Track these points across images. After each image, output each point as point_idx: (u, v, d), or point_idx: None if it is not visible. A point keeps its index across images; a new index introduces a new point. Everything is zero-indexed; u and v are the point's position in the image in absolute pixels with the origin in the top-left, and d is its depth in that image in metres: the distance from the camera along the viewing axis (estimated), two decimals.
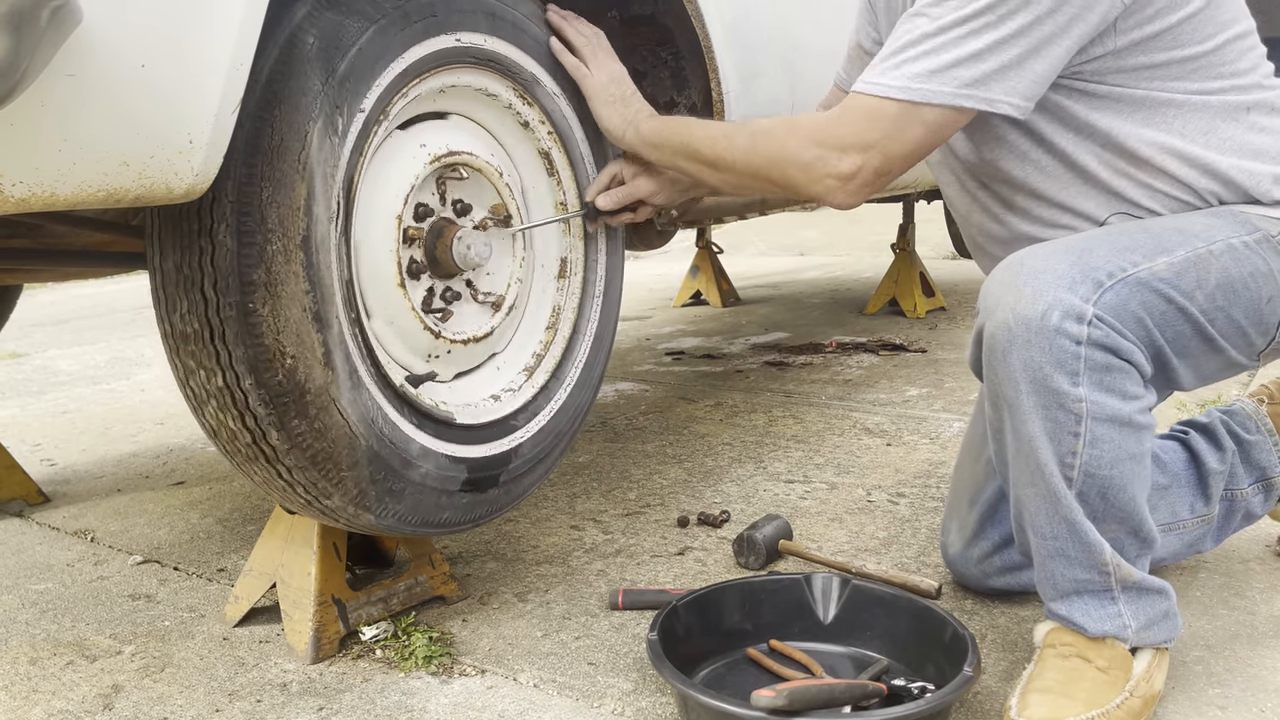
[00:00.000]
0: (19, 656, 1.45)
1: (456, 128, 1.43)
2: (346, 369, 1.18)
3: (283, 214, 1.08)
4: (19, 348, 4.43)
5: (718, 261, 4.88)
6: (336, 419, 1.17)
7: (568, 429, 1.56)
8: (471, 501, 1.40)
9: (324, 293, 1.14)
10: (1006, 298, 1.11)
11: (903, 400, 2.74)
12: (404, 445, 1.28)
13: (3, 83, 0.67)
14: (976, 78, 1.14)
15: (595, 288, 1.62)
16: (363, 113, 1.19)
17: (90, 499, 2.20)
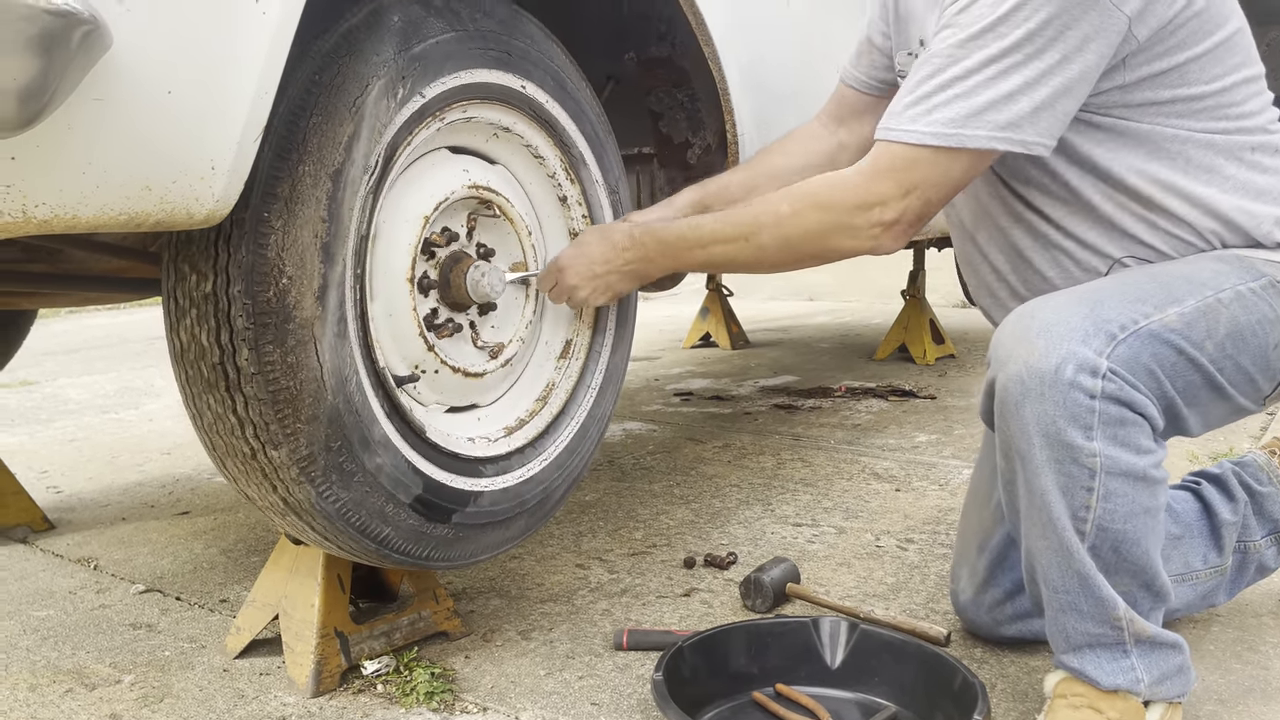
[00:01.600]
0: (19, 683, 1.44)
1: (501, 175, 1.48)
2: (337, 315, 1.16)
3: (323, 143, 1.11)
4: (30, 376, 4.45)
5: (727, 304, 4.89)
6: (311, 360, 1.13)
7: (535, 501, 1.52)
8: (417, 528, 1.32)
9: (339, 230, 1.14)
10: (1019, 350, 1.11)
11: (912, 446, 2.73)
12: (369, 423, 1.23)
13: (32, 104, 0.68)
14: (1011, 120, 1.14)
15: (593, 377, 1.62)
16: (422, 97, 1.23)
17: (95, 527, 2.20)
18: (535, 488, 1.51)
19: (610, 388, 1.64)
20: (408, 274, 1.30)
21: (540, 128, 1.47)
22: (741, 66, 1.57)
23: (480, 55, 1.32)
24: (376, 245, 1.28)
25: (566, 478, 1.57)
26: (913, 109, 1.19)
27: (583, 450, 1.59)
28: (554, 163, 1.51)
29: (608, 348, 1.63)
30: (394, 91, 1.20)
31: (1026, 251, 1.34)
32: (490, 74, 1.35)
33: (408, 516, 1.31)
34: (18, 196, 0.79)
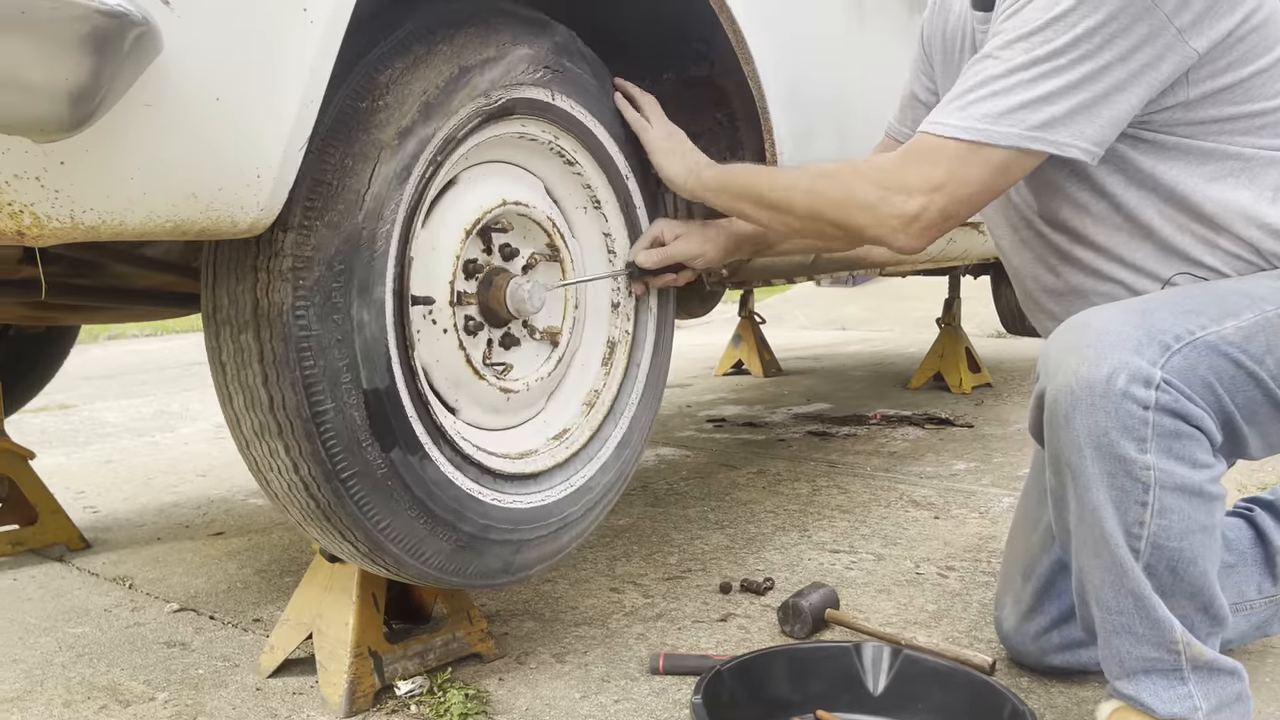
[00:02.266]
0: (53, 699, 1.44)
1: (539, 192, 1.49)
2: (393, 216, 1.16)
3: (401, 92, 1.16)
4: (68, 399, 4.50)
5: (760, 332, 4.87)
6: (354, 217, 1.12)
7: (579, 515, 1.51)
8: (390, 480, 1.19)
9: (403, 174, 1.17)
10: (1069, 360, 1.08)
11: (950, 474, 2.69)
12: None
13: (83, 106, 0.69)
14: (1045, 121, 1.13)
15: (618, 422, 1.58)
16: (485, 99, 1.27)
17: (130, 546, 2.21)
18: (581, 499, 1.49)
19: (632, 438, 1.60)
20: (448, 277, 1.30)
21: (585, 148, 1.48)
22: (782, 85, 1.57)
23: (531, 74, 1.34)
24: (421, 233, 1.29)
25: (589, 501, 1.54)
26: (952, 104, 1.18)
27: (612, 483, 1.57)
28: (595, 179, 1.51)
29: (633, 404, 1.60)
30: (471, 86, 1.24)
31: (1082, 288, 1.32)
32: (540, 92, 1.37)
33: (381, 463, 1.22)
34: (66, 203, 0.79)
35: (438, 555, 1.28)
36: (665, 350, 1.66)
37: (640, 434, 1.60)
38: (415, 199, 1.21)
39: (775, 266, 1.95)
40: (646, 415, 1.61)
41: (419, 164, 1.19)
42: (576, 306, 1.55)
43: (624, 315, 1.60)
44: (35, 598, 1.88)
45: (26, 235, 0.80)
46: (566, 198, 1.53)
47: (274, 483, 1.20)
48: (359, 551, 1.24)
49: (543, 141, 1.44)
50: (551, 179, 1.50)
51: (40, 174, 0.77)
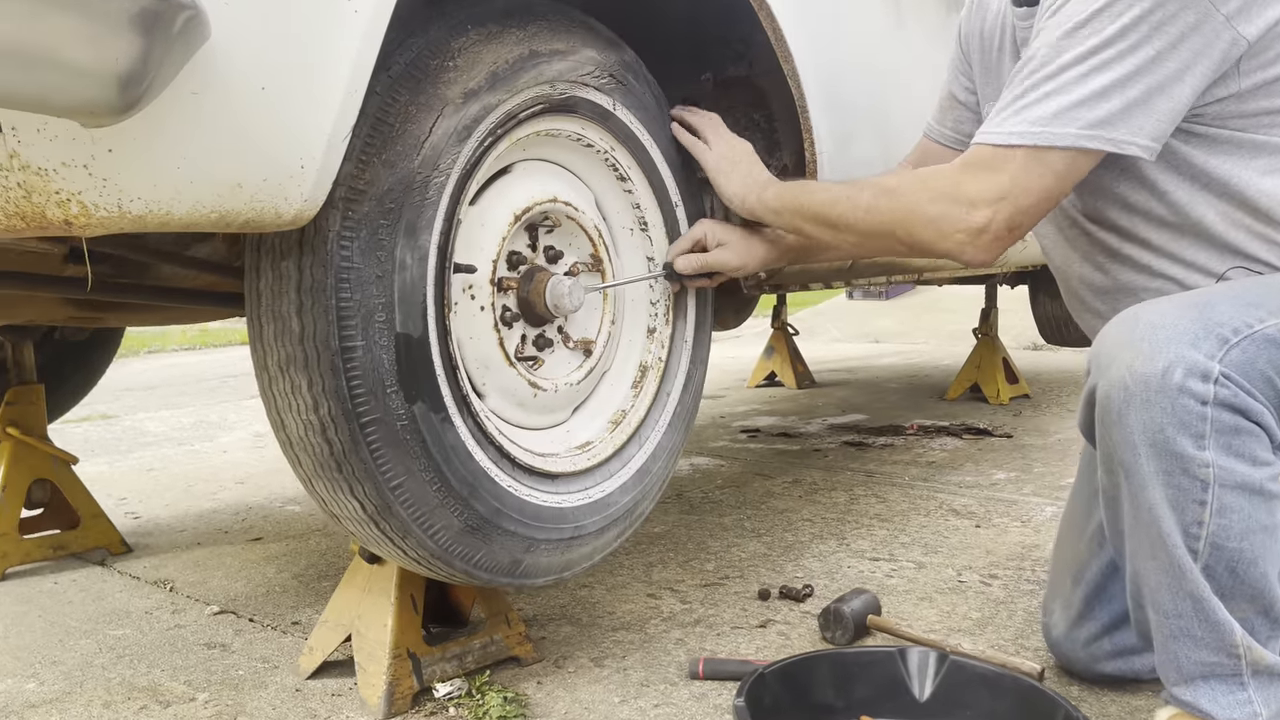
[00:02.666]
0: (93, 700, 1.44)
1: (579, 190, 1.49)
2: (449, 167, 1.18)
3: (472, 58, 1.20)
4: (110, 410, 4.56)
5: (793, 343, 4.84)
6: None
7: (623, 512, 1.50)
8: (408, 434, 1.17)
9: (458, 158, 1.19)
10: (1122, 354, 1.05)
11: (990, 483, 2.64)
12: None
13: (132, 90, 0.69)
14: (1101, 118, 1.10)
15: (642, 446, 1.55)
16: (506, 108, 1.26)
17: (171, 551, 2.22)
18: (598, 512, 1.47)
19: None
20: (492, 259, 1.31)
21: (639, 165, 1.49)
22: (821, 84, 1.55)
23: (595, 78, 1.37)
24: (469, 218, 1.30)
25: (615, 505, 1.52)
26: (1005, 110, 1.16)
27: (648, 488, 1.56)
28: (645, 200, 1.52)
29: (660, 430, 1.58)
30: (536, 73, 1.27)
31: (1131, 285, 1.29)
32: (602, 98, 1.39)
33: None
34: (114, 191, 0.80)
35: (446, 532, 1.23)
36: (696, 386, 1.63)
37: (663, 463, 1.56)
38: (471, 162, 1.21)
39: (813, 270, 1.93)
40: (671, 445, 1.58)
41: (479, 129, 1.20)
42: (613, 322, 1.54)
43: (659, 342, 1.58)
44: (76, 600, 1.89)
45: (74, 225, 0.80)
46: (615, 214, 1.53)
47: (290, 425, 1.17)
48: (364, 512, 1.19)
49: (599, 150, 1.44)
50: (602, 192, 1.50)
51: (88, 162, 0.77)
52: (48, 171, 0.77)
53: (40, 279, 1.31)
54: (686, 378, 1.61)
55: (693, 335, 1.62)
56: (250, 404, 4.61)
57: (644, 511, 1.55)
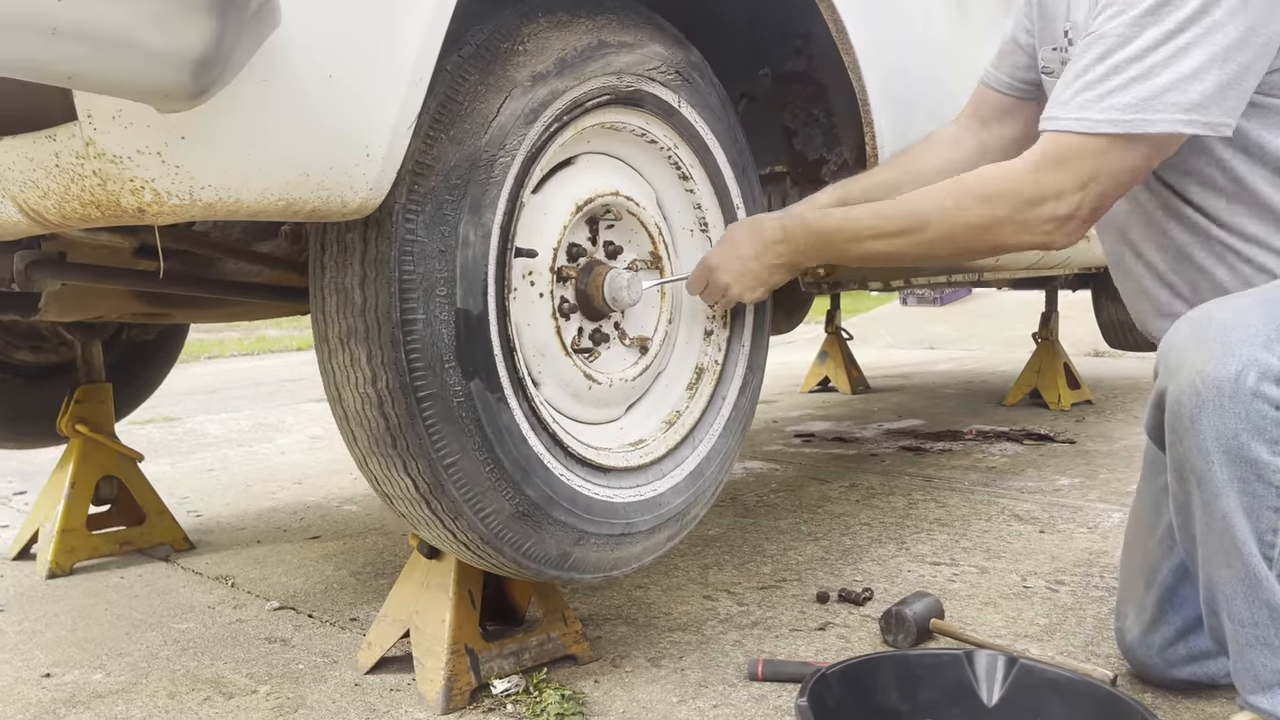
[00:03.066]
0: (158, 690, 1.46)
1: (658, 210, 1.51)
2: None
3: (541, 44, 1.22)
4: (172, 413, 4.66)
5: (847, 348, 4.79)
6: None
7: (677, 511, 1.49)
8: (464, 411, 1.16)
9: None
10: (1193, 357, 1.01)
11: (1053, 489, 2.58)
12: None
13: (204, 74, 0.70)
14: (1197, 101, 1.05)
15: (695, 449, 1.53)
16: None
17: (231, 548, 2.25)
18: (649, 511, 1.46)
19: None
20: (554, 243, 1.32)
21: (702, 165, 1.49)
22: (882, 77, 1.53)
23: (662, 73, 1.38)
24: (528, 210, 1.30)
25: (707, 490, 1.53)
26: (1083, 95, 1.11)
27: (702, 492, 1.54)
28: (707, 200, 1.52)
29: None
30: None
31: (1187, 248, 1.24)
32: (668, 94, 1.40)
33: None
34: (186, 178, 0.80)
35: (497, 515, 1.22)
36: (752, 391, 1.61)
37: (716, 466, 1.54)
38: (536, 146, 1.22)
39: (871, 269, 1.90)
40: (725, 449, 1.56)
41: (546, 113, 1.22)
42: (670, 322, 1.53)
43: (716, 345, 1.57)
44: (142, 594, 1.93)
45: (147, 212, 0.81)
46: (675, 214, 1.52)
47: (348, 399, 1.17)
48: (416, 490, 1.18)
49: (662, 147, 1.44)
50: (664, 190, 1.50)
51: (161, 149, 0.78)
52: (122, 159, 0.78)
53: (112, 271, 1.34)
54: (743, 383, 1.59)
55: (750, 340, 1.60)
56: (307, 408, 4.67)
57: (697, 515, 1.53)
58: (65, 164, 0.81)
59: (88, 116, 0.77)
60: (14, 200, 0.88)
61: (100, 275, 1.32)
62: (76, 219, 0.85)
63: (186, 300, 1.65)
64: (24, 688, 1.50)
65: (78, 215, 0.84)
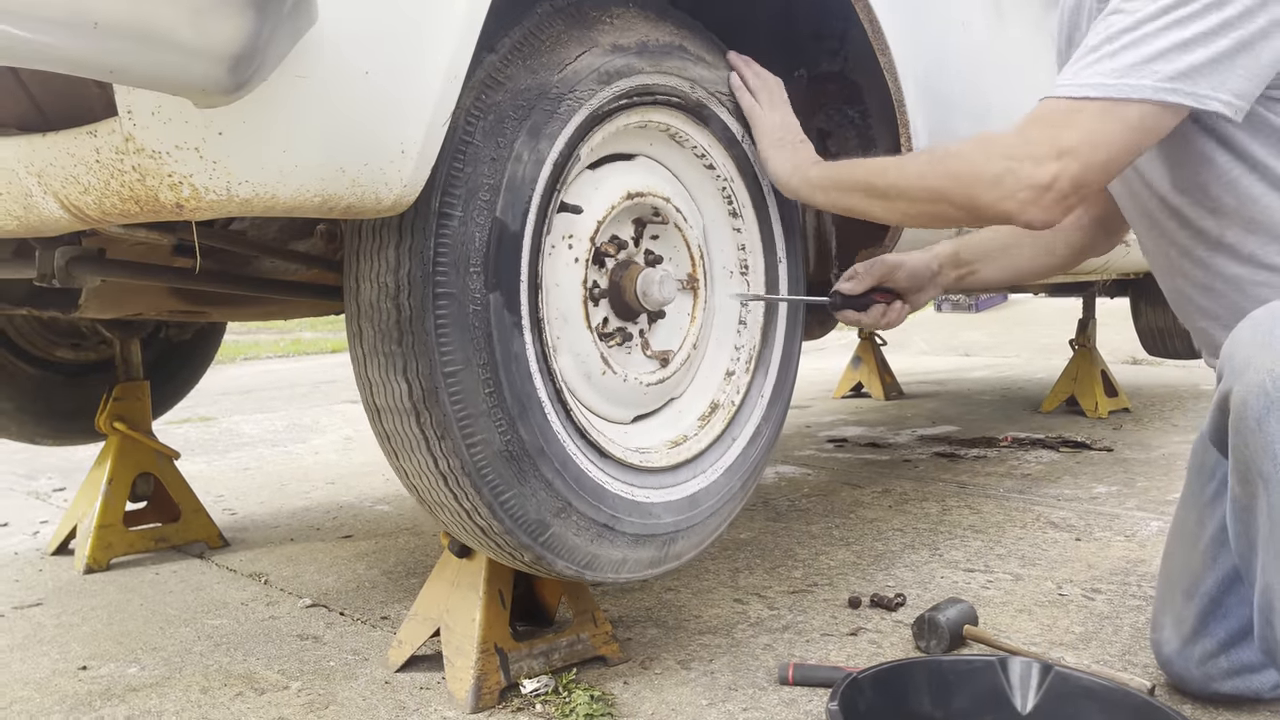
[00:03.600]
0: (191, 685, 1.48)
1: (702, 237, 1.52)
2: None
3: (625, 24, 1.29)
4: (209, 413, 4.72)
5: (880, 354, 4.75)
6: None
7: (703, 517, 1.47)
8: (477, 319, 1.14)
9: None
10: (1261, 357, 0.99)
11: (1090, 497, 2.54)
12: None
13: (242, 70, 0.70)
14: (1182, 70, 1.04)
15: (696, 477, 1.48)
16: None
17: (265, 546, 2.27)
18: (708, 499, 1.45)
19: (755, 449, 1.56)
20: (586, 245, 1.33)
21: (745, 183, 1.50)
22: (918, 77, 1.52)
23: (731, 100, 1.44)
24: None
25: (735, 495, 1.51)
26: (1076, 64, 1.10)
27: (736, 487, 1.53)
28: (748, 220, 1.53)
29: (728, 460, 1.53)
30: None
31: (1228, 266, 1.22)
32: (734, 124, 1.44)
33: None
34: (223, 173, 0.81)
35: (484, 448, 1.16)
36: (764, 441, 1.55)
37: (715, 502, 1.48)
38: (603, 109, 1.26)
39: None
40: (725, 490, 1.49)
41: (618, 84, 1.26)
42: (695, 347, 1.51)
43: (735, 387, 1.54)
44: (176, 590, 1.95)
45: (185, 208, 0.82)
46: (718, 248, 1.53)
47: (365, 290, 1.15)
48: (410, 397, 1.14)
49: (719, 174, 1.47)
50: (712, 219, 1.51)
51: (200, 144, 0.79)
52: (161, 154, 0.79)
53: (150, 268, 1.35)
54: (755, 431, 1.55)
55: (771, 391, 1.56)
56: (341, 409, 4.71)
57: (681, 553, 1.44)
58: (105, 159, 0.82)
59: (128, 112, 0.78)
60: (55, 196, 0.89)
61: (139, 272, 1.33)
62: (116, 214, 0.86)
63: (223, 298, 1.67)
64: (61, 680, 1.52)
65: (117, 210, 0.85)
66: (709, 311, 1.52)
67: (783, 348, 1.58)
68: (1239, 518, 1.07)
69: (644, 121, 1.35)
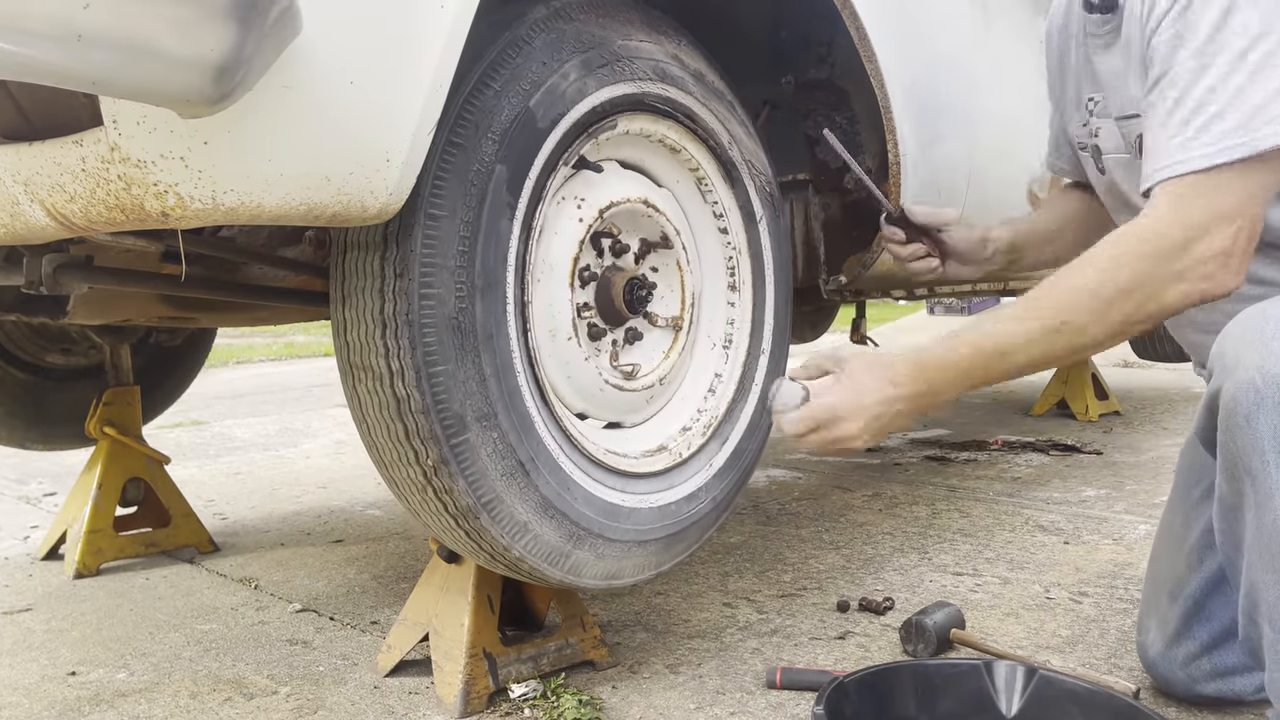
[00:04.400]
0: (180, 690, 1.48)
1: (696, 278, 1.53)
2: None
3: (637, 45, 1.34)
4: (200, 417, 4.71)
5: None
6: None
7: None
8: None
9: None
10: (1250, 355, 0.99)
11: (1079, 500, 2.56)
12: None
13: (226, 80, 0.71)
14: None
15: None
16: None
17: (256, 551, 2.27)
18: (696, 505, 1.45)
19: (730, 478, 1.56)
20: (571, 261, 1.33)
21: (751, 254, 1.54)
22: (905, 86, 1.53)
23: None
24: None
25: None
26: (1178, 137, 1.07)
27: (731, 480, 1.53)
28: (743, 297, 1.55)
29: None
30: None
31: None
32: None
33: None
34: (208, 183, 0.82)
35: (447, 381, 1.12)
36: (735, 476, 1.54)
37: (667, 525, 1.44)
38: (608, 106, 1.29)
39: (895, 277, 1.89)
40: (700, 515, 1.48)
41: (625, 82, 1.30)
42: (661, 382, 1.49)
43: (687, 442, 1.51)
44: (166, 595, 1.95)
45: (170, 216, 0.82)
46: (709, 314, 1.55)
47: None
48: (378, 279, 1.10)
49: (730, 243, 1.50)
50: (715, 288, 1.54)
51: (185, 154, 0.80)
52: (146, 163, 0.79)
53: (138, 275, 1.36)
54: (725, 465, 1.53)
55: (741, 435, 1.55)
56: (332, 413, 4.71)
57: (638, 569, 1.41)
58: (91, 168, 0.82)
59: (113, 122, 0.78)
60: (42, 204, 0.89)
61: (127, 279, 1.34)
62: (102, 223, 0.86)
63: (212, 304, 1.68)
64: (50, 685, 1.52)
65: (103, 219, 0.85)
66: (682, 358, 1.52)
67: (744, 431, 1.55)
68: (1225, 516, 1.07)
69: (680, 138, 1.41)
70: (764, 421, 1.54)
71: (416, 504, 1.23)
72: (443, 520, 1.21)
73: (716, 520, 1.52)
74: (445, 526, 1.22)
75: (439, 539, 1.34)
